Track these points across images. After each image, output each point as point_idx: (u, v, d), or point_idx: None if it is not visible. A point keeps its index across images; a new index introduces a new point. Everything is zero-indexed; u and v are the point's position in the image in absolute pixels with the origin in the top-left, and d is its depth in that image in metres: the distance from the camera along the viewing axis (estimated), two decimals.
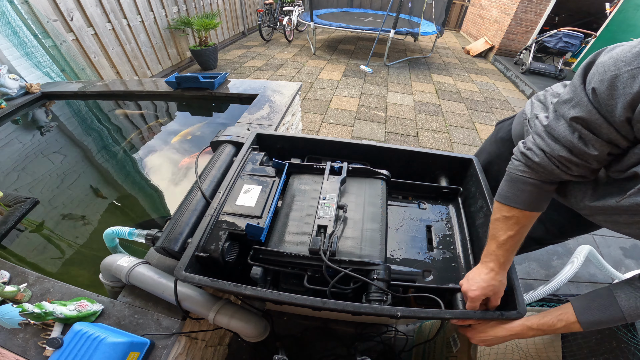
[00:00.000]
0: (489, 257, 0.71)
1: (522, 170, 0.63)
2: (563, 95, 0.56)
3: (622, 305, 0.59)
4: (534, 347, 1.08)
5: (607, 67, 0.47)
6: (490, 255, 0.71)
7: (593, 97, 0.49)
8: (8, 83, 1.98)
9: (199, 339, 1.00)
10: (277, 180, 0.98)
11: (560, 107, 0.55)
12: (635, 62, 0.43)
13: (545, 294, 1.07)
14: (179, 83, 1.94)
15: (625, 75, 0.44)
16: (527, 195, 0.64)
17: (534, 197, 0.64)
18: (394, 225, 0.97)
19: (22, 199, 1.30)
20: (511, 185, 0.66)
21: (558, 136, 0.55)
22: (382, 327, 1.53)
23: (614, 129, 0.48)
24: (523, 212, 0.65)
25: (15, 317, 0.75)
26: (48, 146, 1.84)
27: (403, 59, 5.60)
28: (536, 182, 0.62)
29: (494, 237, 0.70)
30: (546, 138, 0.58)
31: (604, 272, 1.30)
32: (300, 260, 0.77)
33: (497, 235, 0.69)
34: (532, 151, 0.60)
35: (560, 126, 0.55)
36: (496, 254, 0.70)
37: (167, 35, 4.31)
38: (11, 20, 2.28)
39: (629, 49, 0.45)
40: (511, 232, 0.67)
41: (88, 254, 1.23)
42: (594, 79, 0.49)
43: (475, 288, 0.71)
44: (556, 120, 0.56)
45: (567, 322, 0.64)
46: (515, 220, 0.66)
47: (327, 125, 3.34)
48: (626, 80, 0.44)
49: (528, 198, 0.64)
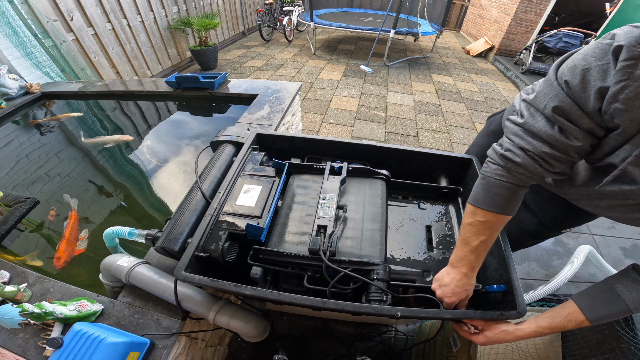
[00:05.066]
0: (461, 262, 0.71)
1: (500, 174, 0.62)
2: (538, 90, 0.57)
3: (626, 299, 0.60)
4: (534, 347, 1.08)
5: (576, 61, 0.50)
6: (462, 260, 0.71)
7: (567, 89, 0.51)
8: (8, 83, 1.98)
9: (199, 339, 1.00)
10: (277, 180, 0.98)
11: (536, 102, 0.56)
12: (605, 57, 0.46)
13: (545, 294, 1.07)
14: (179, 83, 1.94)
15: (596, 69, 0.46)
16: (503, 199, 0.63)
17: (509, 201, 0.64)
18: (394, 225, 0.97)
19: (22, 199, 1.30)
20: (487, 189, 0.64)
21: (538, 132, 0.55)
22: (382, 327, 1.53)
23: (591, 119, 0.50)
24: (498, 216, 0.65)
25: (15, 317, 0.75)
26: (48, 146, 1.84)
27: (403, 59, 5.60)
28: (512, 186, 0.62)
29: (466, 243, 0.69)
30: (525, 136, 0.57)
31: (604, 272, 1.30)
32: (300, 260, 0.77)
33: (469, 241, 0.69)
34: (512, 152, 0.59)
35: (538, 122, 0.55)
36: (469, 259, 0.70)
37: (167, 35, 4.31)
38: (11, 20, 2.28)
39: (596, 45, 0.47)
40: (484, 237, 0.67)
41: (88, 254, 1.23)
42: (564, 72, 0.51)
43: (450, 294, 0.72)
44: (532, 117, 0.56)
45: (577, 321, 0.64)
46: (489, 225, 0.66)
47: (327, 125, 3.34)
48: (597, 74, 0.46)
49: (504, 202, 0.64)
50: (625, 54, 0.43)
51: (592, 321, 0.63)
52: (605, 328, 1.00)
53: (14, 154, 1.74)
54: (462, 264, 0.71)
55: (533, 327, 0.69)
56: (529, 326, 0.69)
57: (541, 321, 0.68)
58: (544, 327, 0.68)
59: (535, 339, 1.09)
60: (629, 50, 0.42)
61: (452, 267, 0.74)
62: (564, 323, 0.66)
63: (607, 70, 0.45)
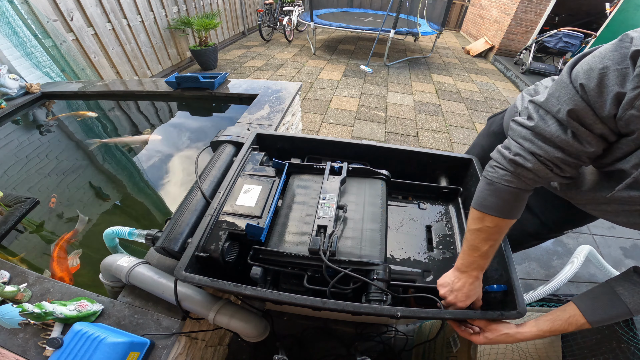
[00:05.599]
0: (471, 267, 0.71)
1: (509, 180, 0.60)
2: (549, 92, 0.54)
3: (627, 302, 0.60)
4: (534, 347, 1.08)
5: (593, 64, 0.47)
6: (472, 264, 0.71)
7: (582, 93, 0.48)
8: (8, 83, 1.98)
9: (199, 339, 1.00)
10: (277, 180, 0.98)
11: (548, 105, 0.54)
12: (624, 62, 0.43)
13: (545, 294, 1.08)
14: (179, 83, 1.94)
15: (615, 74, 0.44)
16: (511, 205, 0.63)
17: (518, 205, 0.64)
18: (394, 225, 0.97)
19: (22, 199, 1.30)
20: (496, 194, 0.63)
21: (550, 136, 0.53)
22: (382, 327, 1.53)
23: (605, 124, 0.48)
24: (506, 220, 0.65)
25: (15, 317, 0.75)
26: (48, 146, 1.84)
27: (403, 59, 5.60)
28: (519, 191, 0.61)
29: (476, 248, 0.68)
30: (536, 141, 0.55)
31: (604, 272, 1.30)
32: (300, 260, 0.77)
33: (478, 247, 0.68)
34: (522, 157, 0.57)
35: (550, 126, 0.53)
36: (478, 263, 0.70)
37: (167, 35, 4.31)
38: (11, 20, 2.28)
39: (614, 47, 0.45)
40: (492, 242, 0.67)
41: (88, 254, 1.23)
42: (580, 75, 0.49)
43: (464, 298, 0.72)
44: (543, 121, 0.54)
45: (577, 324, 0.65)
46: (497, 229, 0.66)
47: (327, 125, 3.34)
48: (615, 78, 0.44)
49: (512, 207, 0.63)
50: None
51: (592, 324, 0.63)
52: (605, 328, 1.00)
53: (14, 154, 1.74)
54: (472, 267, 0.71)
55: (534, 331, 0.69)
56: (529, 329, 0.69)
57: (542, 324, 0.68)
58: (545, 330, 0.68)
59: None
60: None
61: (462, 272, 0.73)
62: (565, 326, 0.66)
63: (626, 75, 0.43)
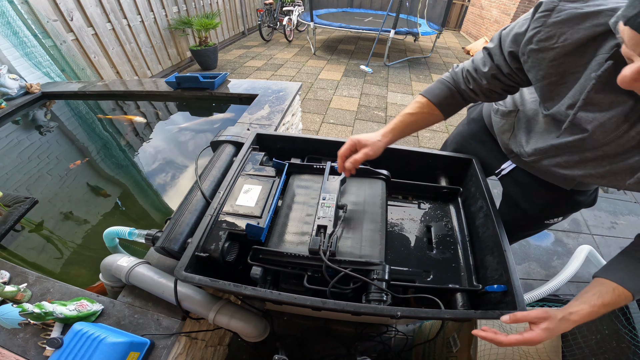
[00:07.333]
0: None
1: (447, 76, 0.85)
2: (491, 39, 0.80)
3: None
4: (534, 347, 1.08)
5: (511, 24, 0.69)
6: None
7: (498, 39, 0.72)
8: (8, 83, 1.98)
9: (199, 339, 1.00)
10: (277, 180, 0.98)
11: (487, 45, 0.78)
12: (528, 15, 0.63)
13: (545, 294, 1.08)
14: (179, 83, 1.94)
15: (520, 22, 0.65)
16: (441, 92, 0.83)
17: (451, 103, 0.84)
18: (394, 225, 0.97)
19: (21, 199, 1.30)
20: (437, 85, 0.86)
21: (474, 59, 0.79)
22: (382, 327, 1.53)
23: (503, 57, 0.70)
24: (430, 104, 0.84)
25: (15, 317, 0.75)
26: (48, 146, 1.84)
27: (403, 59, 5.60)
28: (451, 86, 0.83)
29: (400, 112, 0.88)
30: (469, 61, 0.81)
31: None
32: (300, 260, 0.77)
33: (401, 111, 0.89)
34: (458, 67, 0.84)
35: (478, 54, 0.78)
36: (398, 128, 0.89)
37: (167, 35, 4.31)
38: (11, 20, 2.28)
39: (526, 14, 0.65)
40: (410, 110, 0.85)
41: (88, 254, 1.23)
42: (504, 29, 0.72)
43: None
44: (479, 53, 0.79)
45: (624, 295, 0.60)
46: (419, 105, 0.85)
47: (327, 125, 3.34)
48: (520, 27, 0.64)
49: (440, 94, 0.84)
50: (543, 7, 0.58)
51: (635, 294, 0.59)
52: (605, 328, 1.00)
53: (14, 153, 1.74)
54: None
55: (587, 309, 0.61)
56: (581, 308, 0.61)
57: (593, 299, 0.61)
58: (599, 305, 0.60)
59: None
60: (546, 4, 0.57)
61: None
62: (614, 299, 0.60)
63: (527, 20, 0.62)
